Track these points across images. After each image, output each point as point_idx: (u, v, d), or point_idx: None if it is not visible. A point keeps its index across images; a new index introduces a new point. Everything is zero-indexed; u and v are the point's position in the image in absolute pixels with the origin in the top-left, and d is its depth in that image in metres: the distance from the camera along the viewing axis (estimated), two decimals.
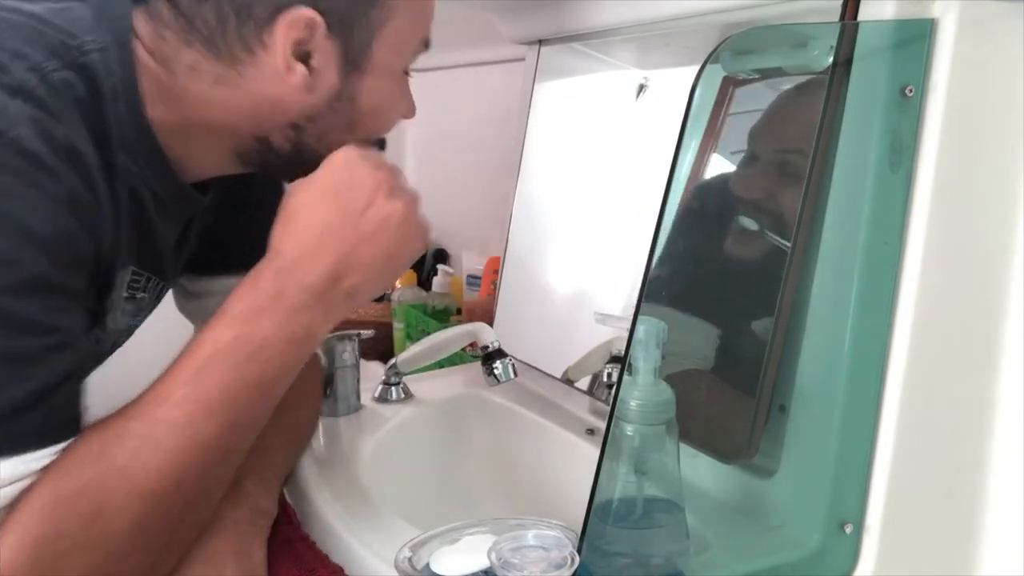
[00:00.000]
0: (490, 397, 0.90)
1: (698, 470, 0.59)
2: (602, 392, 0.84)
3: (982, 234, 0.55)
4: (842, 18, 0.54)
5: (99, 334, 0.64)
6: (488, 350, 0.85)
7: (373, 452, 0.79)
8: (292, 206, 0.59)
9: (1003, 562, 0.57)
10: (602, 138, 0.90)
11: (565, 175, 0.96)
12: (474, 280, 1.38)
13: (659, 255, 0.57)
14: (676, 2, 0.75)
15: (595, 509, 0.48)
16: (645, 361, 0.48)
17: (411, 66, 0.67)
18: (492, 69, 1.41)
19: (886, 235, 0.53)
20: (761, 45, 0.58)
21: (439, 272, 1.45)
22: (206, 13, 0.57)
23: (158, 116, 0.59)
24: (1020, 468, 0.56)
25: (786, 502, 0.56)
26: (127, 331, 0.71)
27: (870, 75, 0.53)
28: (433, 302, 1.42)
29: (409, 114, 0.69)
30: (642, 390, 0.48)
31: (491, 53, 1.36)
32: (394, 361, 0.91)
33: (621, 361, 0.49)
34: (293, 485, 0.74)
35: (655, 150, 0.81)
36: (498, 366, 0.85)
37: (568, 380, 0.88)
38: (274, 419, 0.61)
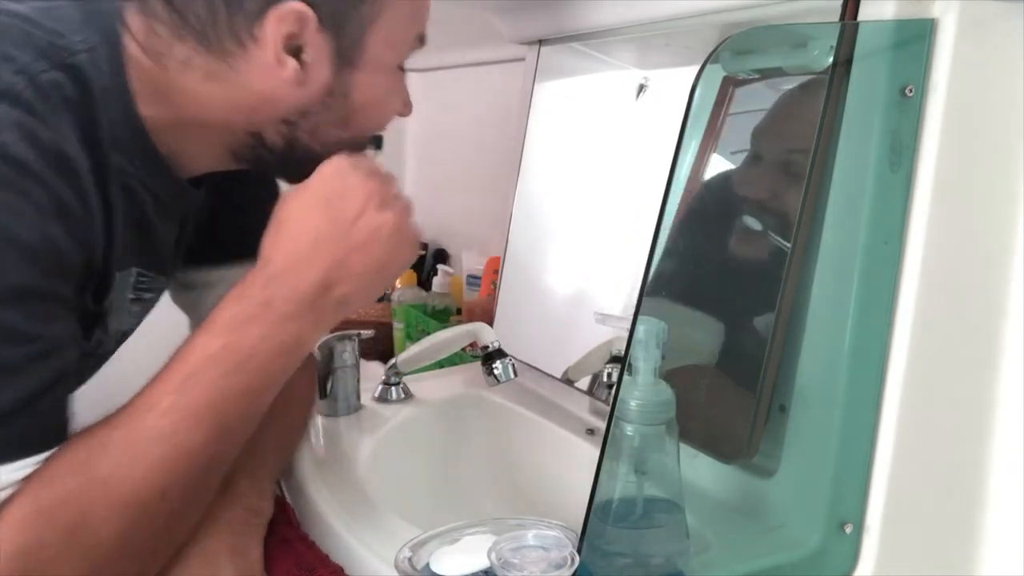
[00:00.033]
0: (490, 397, 0.90)
1: (698, 470, 0.59)
2: (602, 392, 0.83)
3: (982, 234, 0.55)
4: (842, 18, 0.54)
5: (101, 336, 0.64)
6: (488, 350, 0.85)
7: (373, 452, 0.79)
8: (283, 214, 0.59)
9: (1003, 562, 0.57)
10: (602, 138, 0.90)
11: (565, 175, 0.96)
12: (474, 280, 1.37)
13: (659, 255, 0.57)
14: (676, 2, 0.75)
15: (595, 509, 0.48)
16: (645, 361, 0.48)
17: (411, 65, 0.67)
18: (492, 69, 1.41)
19: (886, 235, 0.53)
20: (761, 45, 0.58)
21: (439, 272, 1.45)
22: (198, 7, 0.57)
23: (151, 114, 0.59)
24: (1020, 468, 0.56)
25: (786, 502, 0.56)
26: (129, 331, 0.71)
27: (870, 75, 0.53)
28: (433, 302, 1.42)
29: (405, 111, 0.68)
30: (642, 390, 0.48)
31: (491, 53, 1.36)
32: (394, 361, 0.91)
33: (621, 361, 0.49)
34: (293, 485, 0.74)
35: (655, 150, 0.81)
36: (498, 366, 0.85)
37: (568, 380, 0.88)
38: (266, 417, 0.60)
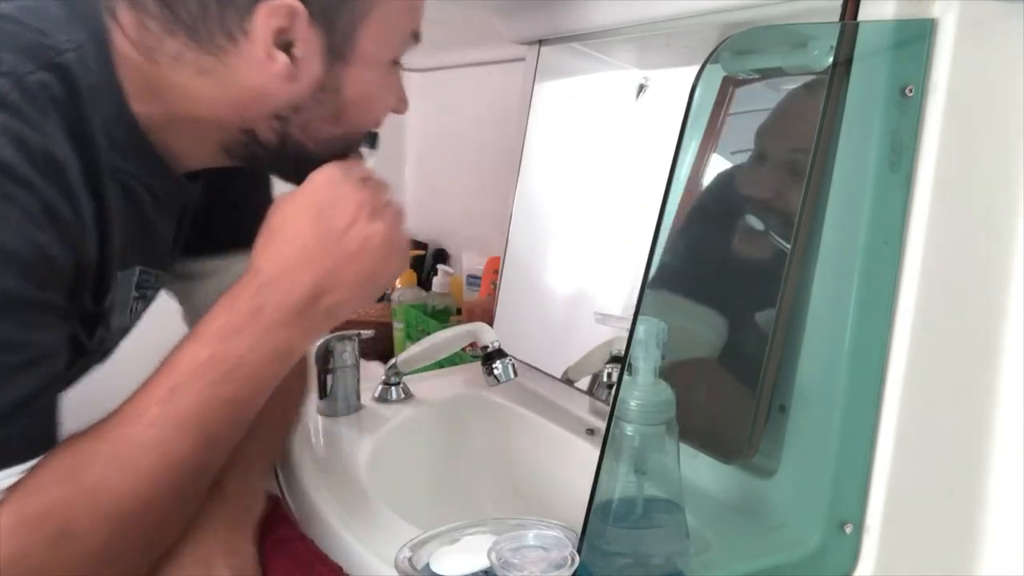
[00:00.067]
0: (490, 397, 0.90)
1: (698, 470, 0.59)
2: (602, 392, 0.83)
3: (982, 234, 0.55)
4: (842, 18, 0.54)
5: (103, 334, 0.64)
6: (488, 350, 0.85)
7: (373, 452, 0.79)
8: (275, 222, 0.59)
9: (1003, 562, 0.57)
10: (602, 138, 0.90)
11: (565, 175, 0.96)
12: (474, 280, 1.37)
13: (660, 254, 0.57)
14: (676, 2, 0.75)
15: (595, 509, 0.48)
16: (645, 361, 0.48)
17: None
18: (492, 69, 1.41)
19: (886, 235, 0.53)
20: (761, 45, 0.58)
21: (439, 272, 1.45)
22: (188, 2, 0.56)
23: (144, 111, 0.58)
24: (1020, 468, 0.56)
25: (786, 502, 0.56)
26: (131, 328, 0.71)
27: (870, 75, 0.53)
28: (433, 302, 1.42)
29: (400, 108, 0.67)
30: (642, 390, 0.48)
31: (491, 53, 1.36)
32: (394, 361, 0.91)
33: (621, 361, 0.49)
34: (293, 485, 0.74)
35: (655, 150, 0.81)
36: (498, 366, 0.85)
37: (568, 380, 0.88)
38: (258, 413, 0.60)
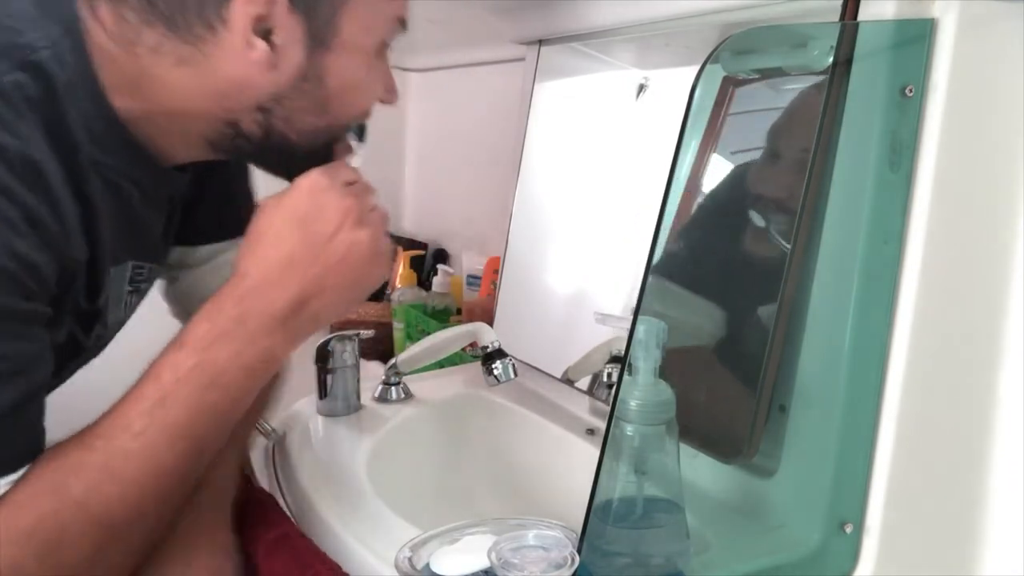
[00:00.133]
0: (490, 397, 0.90)
1: (698, 470, 0.59)
2: (602, 392, 0.83)
3: (982, 234, 0.55)
4: (842, 18, 0.54)
5: (100, 331, 0.64)
6: (488, 350, 0.85)
7: (373, 452, 0.79)
8: (259, 228, 0.59)
9: (1003, 562, 0.57)
10: (602, 138, 0.90)
11: (565, 175, 0.96)
12: (474, 280, 1.37)
13: (660, 254, 0.57)
14: (676, 2, 0.75)
15: (595, 509, 0.48)
16: (645, 361, 0.48)
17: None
18: (492, 69, 1.41)
19: (886, 235, 0.53)
20: (761, 45, 0.58)
21: (439, 272, 1.45)
22: None
23: (124, 105, 0.57)
24: (1020, 468, 0.56)
25: (786, 502, 0.56)
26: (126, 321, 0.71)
27: (870, 75, 0.53)
28: (433, 302, 1.42)
29: (388, 97, 0.66)
30: (642, 390, 0.48)
31: (491, 53, 1.36)
32: (394, 361, 0.91)
33: (621, 361, 0.49)
34: (293, 485, 0.74)
35: (655, 150, 0.81)
36: (498, 366, 0.84)
37: (568, 380, 0.88)
38: None
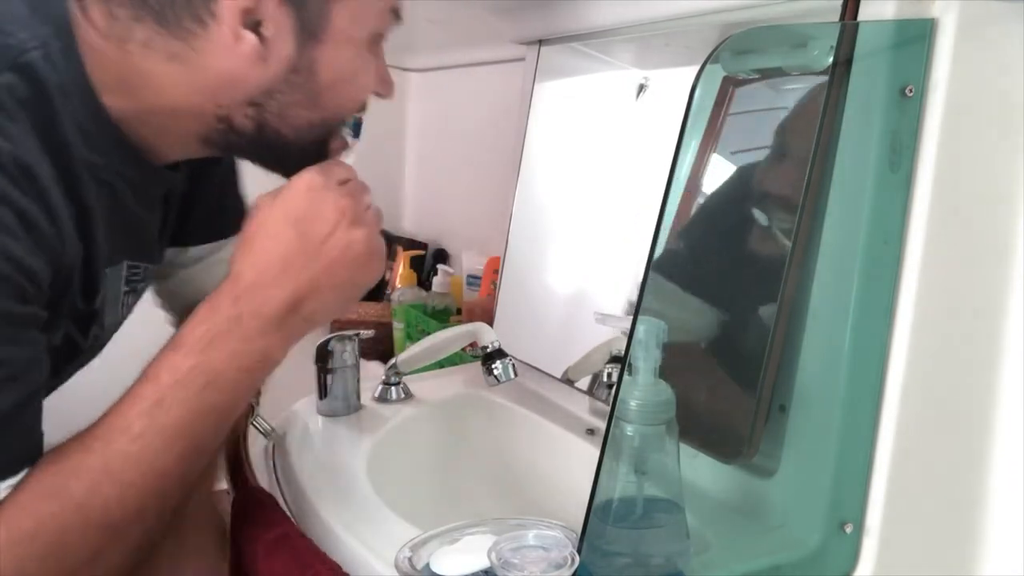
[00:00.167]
0: (490, 397, 0.90)
1: (698, 470, 0.59)
2: (602, 392, 0.83)
3: (982, 234, 0.55)
4: (842, 18, 0.54)
5: (97, 332, 0.64)
6: (488, 350, 0.85)
7: (373, 452, 0.79)
8: (254, 228, 0.58)
9: (1003, 562, 0.57)
10: (602, 138, 0.90)
11: (565, 175, 0.96)
12: (474, 280, 1.38)
13: (660, 254, 0.57)
14: (676, 2, 0.75)
15: (595, 509, 0.48)
16: (645, 361, 0.48)
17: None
18: (492, 69, 1.41)
19: (886, 235, 0.53)
20: (761, 45, 0.58)
21: (439, 272, 1.45)
22: None
23: (116, 104, 0.57)
24: (1020, 468, 0.56)
25: (786, 502, 0.56)
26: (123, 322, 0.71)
27: (870, 75, 0.53)
28: (433, 302, 1.42)
29: (383, 90, 0.64)
30: (642, 390, 0.48)
31: (491, 53, 1.36)
32: (394, 361, 0.91)
33: (621, 361, 0.49)
34: (293, 485, 0.74)
35: (655, 150, 0.81)
36: (498, 366, 0.84)
37: (568, 380, 0.88)
38: None
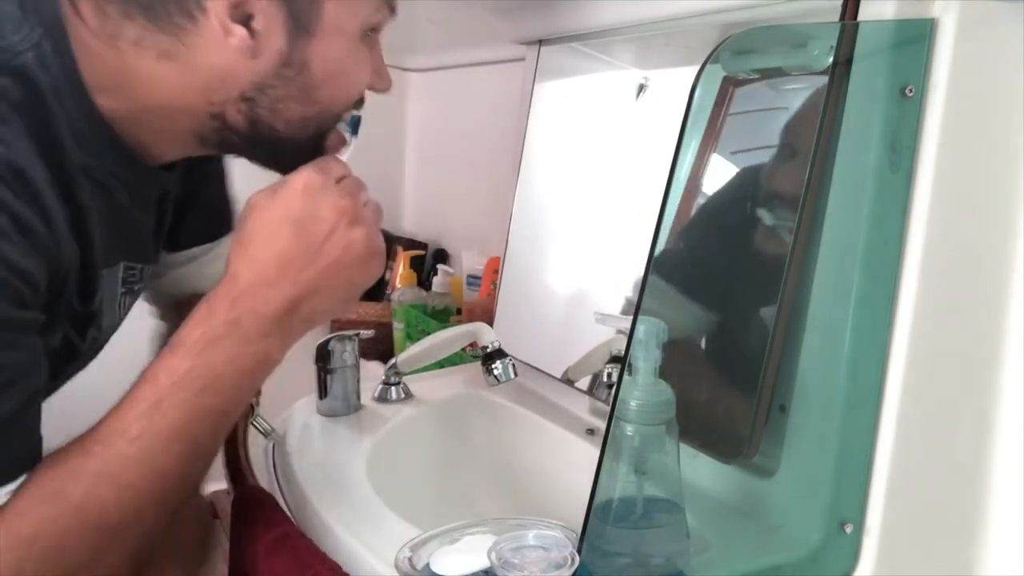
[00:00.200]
0: (490, 397, 0.90)
1: (698, 470, 0.59)
2: (602, 392, 0.83)
3: (982, 234, 0.55)
4: (842, 18, 0.54)
5: (95, 334, 0.64)
6: (488, 350, 0.85)
7: (373, 452, 0.79)
8: (250, 228, 0.58)
9: (1003, 562, 0.57)
10: (602, 138, 0.90)
11: (565, 175, 0.96)
12: (474, 280, 1.38)
13: (660, 254, 0.57)
14: (676, 2, 0.75)
15: (595, 509, 0.48)
16: (645, 361, 0.48)
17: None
18: (492, 69, 1.41)
19: (886, 235, 0.53)
20: (761, 45, 0.58)
21: (439, 272, 1.45)
22: None
23: (109, 104, 0.57)
24: (1020, 468, 0.56)
25: (786, 502, 0.56)
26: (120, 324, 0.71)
27: (870, 75, 0.53)
28: (433, 302, 1.42)
29: (379, 84, 0.64)
30: (642, 390, 0.48)
31: (491, 53, 1.36)
32: (394, 361, 0.91)
33: (621, 361, 0.49)
34: (293, 485, 0.74)
35: (655, 150, 0.81)
36: (498, 366, 0.84)
37: (568, 380, 0.88)
38: None
